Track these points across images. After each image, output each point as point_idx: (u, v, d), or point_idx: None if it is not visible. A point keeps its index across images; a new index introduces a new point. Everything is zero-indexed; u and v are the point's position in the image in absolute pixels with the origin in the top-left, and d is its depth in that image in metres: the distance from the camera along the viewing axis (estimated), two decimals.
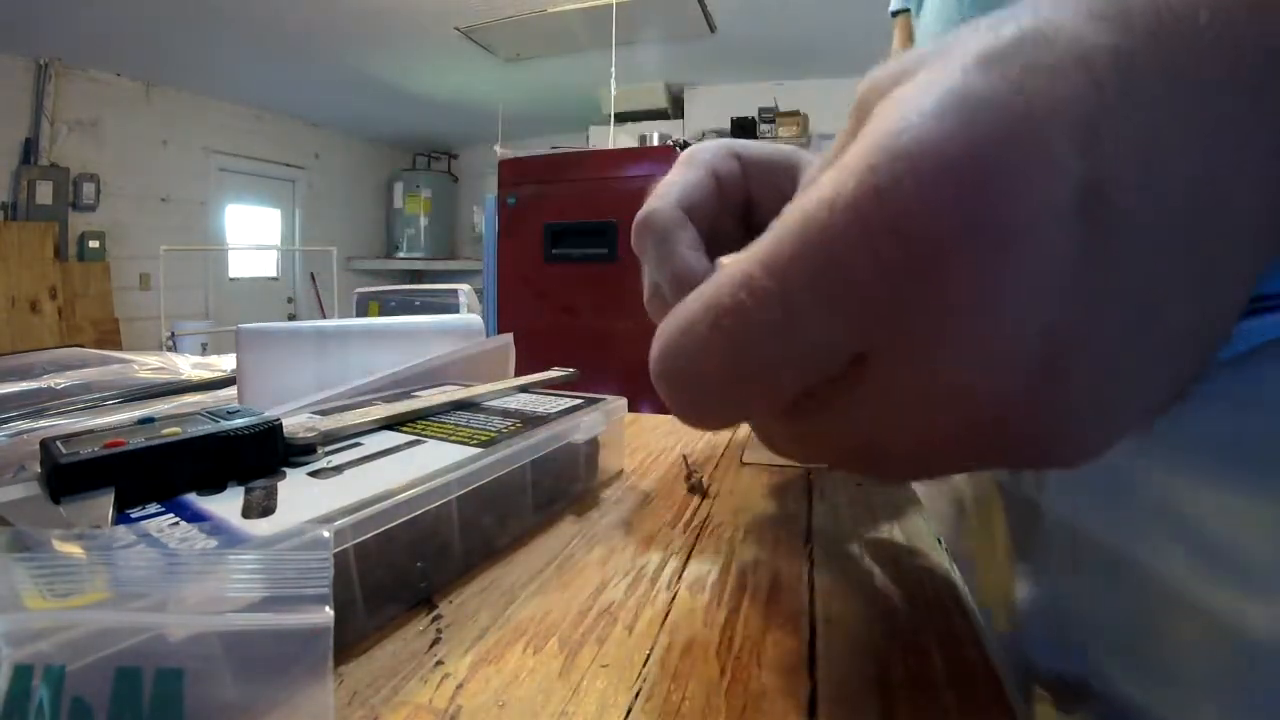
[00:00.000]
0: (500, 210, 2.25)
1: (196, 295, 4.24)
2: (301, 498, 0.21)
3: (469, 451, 0.25)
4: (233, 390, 0.51)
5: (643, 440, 0.43)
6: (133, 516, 0.19)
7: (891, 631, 0.20)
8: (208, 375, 0.56)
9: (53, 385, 0.48)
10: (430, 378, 0.40)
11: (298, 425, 0.25)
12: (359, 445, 0.26)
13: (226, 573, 0.14)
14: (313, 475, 0.23)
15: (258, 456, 0.23)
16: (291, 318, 4.81)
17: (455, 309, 2.04)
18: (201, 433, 0.22)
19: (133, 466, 0.20)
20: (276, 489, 0.21)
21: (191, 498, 0.20)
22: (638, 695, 0.17)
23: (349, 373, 0.39)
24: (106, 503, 0.19)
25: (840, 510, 0.30)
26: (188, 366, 0.57)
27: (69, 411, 0.46)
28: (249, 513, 0.19)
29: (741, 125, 3.72)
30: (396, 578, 0.21)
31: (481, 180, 5.19)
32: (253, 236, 4.74)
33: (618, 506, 0.31)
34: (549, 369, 0.40)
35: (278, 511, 0.19)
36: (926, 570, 0.25)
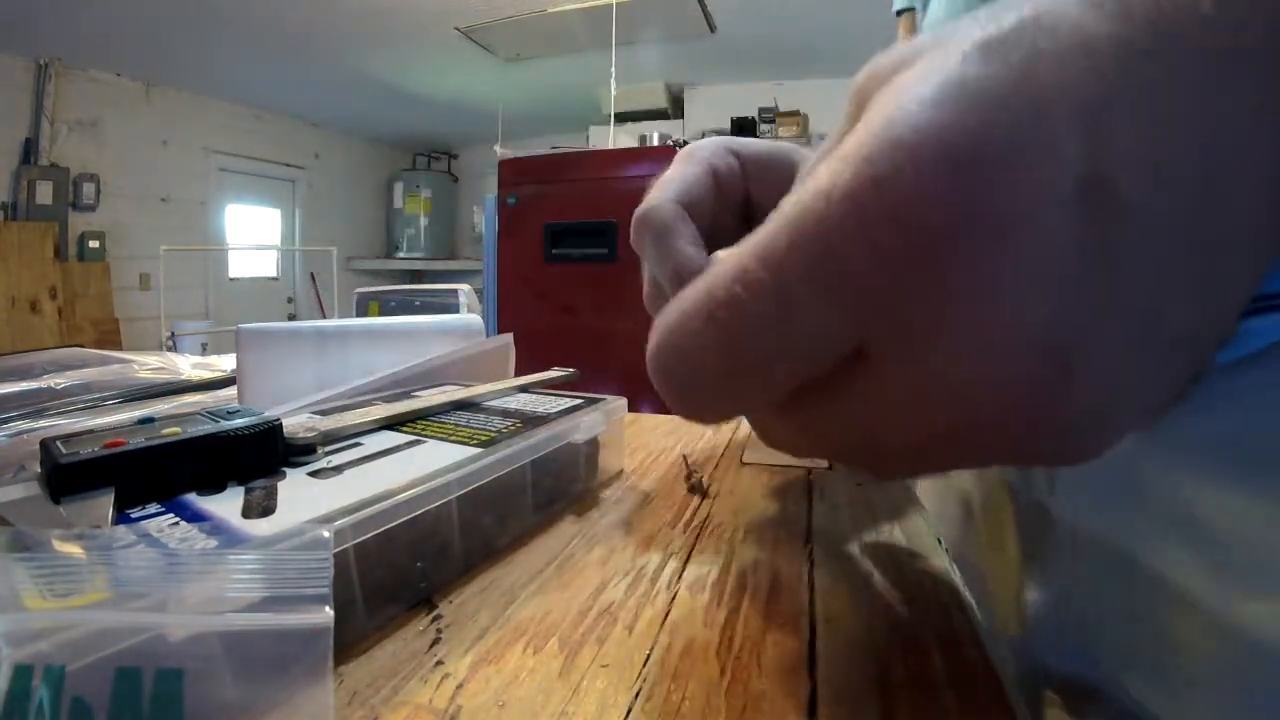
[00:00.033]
0: (500, 210, 2.25)
1: (196, 295, 4.24)
2: (301, 498, 0.21)
3: (469, 451, 0.25)
4: (233, 390, 0.51)
5: (643, 440, 0.43)
6: (133, 516, 0.19)
7: (891, 631, 0.20)
8: (208, 375, 0.56)
9: (53, 385, 0.48)
10: (430, 378, 0.40)
11: (298, 425, 0.25)
12: (359, 445, 0.26)
13: (226, 573, 0.14)
14: (313, 475, 0.23)
15: (258, 456, 0.23)
16: (291, 318, 4.80)
17: (455, 309, 2.04)
18: (201, 433, 0.22)
19: (133, 466, 0.20)
20: (276, 489, 0.21)
21: (191, 498, 0.20)
22: (638, 695, 0.17)
23: (349, 373, 0.39)
24: (106, 503, 0.19)
25: (840, 510, 0.30)
26: (188, 366, 0.57)
27: (69, 411, 0.46)
28: (249, 513, 0.19)
29: (741, 125, 3.72)
30: (396, 578, 0.21)
31: (481, 180, 5.19)
32: (253, 236, 4.74)
33: (618, 506, 0.31)
34: (549, 369, 0.40)
35: (278, 511, 0.19)
36: (926, 570, 0.25)
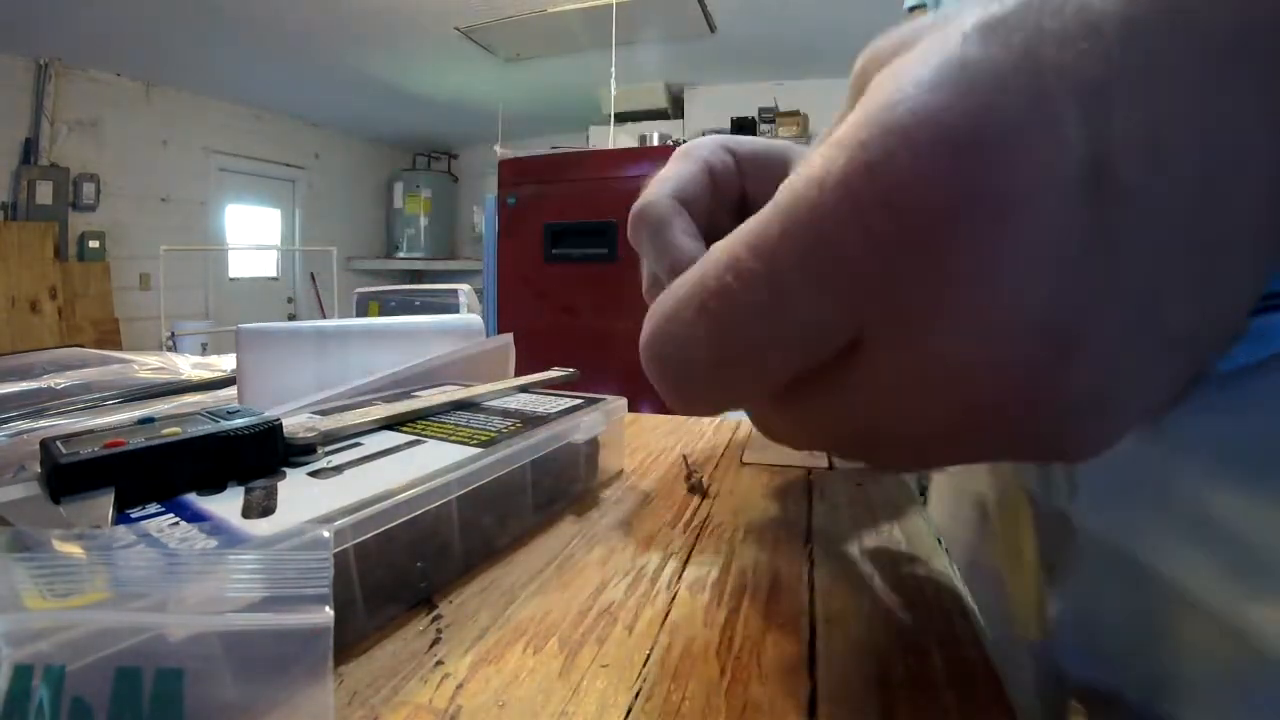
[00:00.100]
0: (500, 210, 2.25)
1: (196, 295, 4.24)
2: (301, 498, 0.20)
3: (469, 451, 0.25)
4: (233, 390, 0.51)
5: (643, 440, 0.42)
6: (133, 516, 0.19)
7: (891, 631, 0.20)
8: (208, 375, 0.56)
9: (53, 385, 0.48)
10: (430, 378, 0.40)
11: (298, 425, 0.25)
12: (359, 445, 0.26)
13: (226, 573, 0.14)
14: (313, 475, 0.23)
15: (258, 456, 0.23)
16: (291, 318, 4.80)
17: (455, 309, 2.04)
18: (201, 433, 0.22)
19: (133, 466, 0.20)
20: (276, 489, 0.21)
21: (191, 498, 0.20)
22: (638, 695, 0.17)
23: (349, 373, 0.39)
24: (106, 503, 0.19)
25: (840, 510, 0.30)
26: (188, 366, 0.57)
27: (69, 411, 0.46)
28: (249, 513, 0.19)
29: (741, 125, 3.72)
30: (396, 578, 0.21)
31: (481, 180, 5.20)
32: (253, 236, 4.74)
33: (618, 506, 0.31)
34: (549, 369, 0.40)
35: (278, 511, 0.19)
36: (927, 570, 0.25)
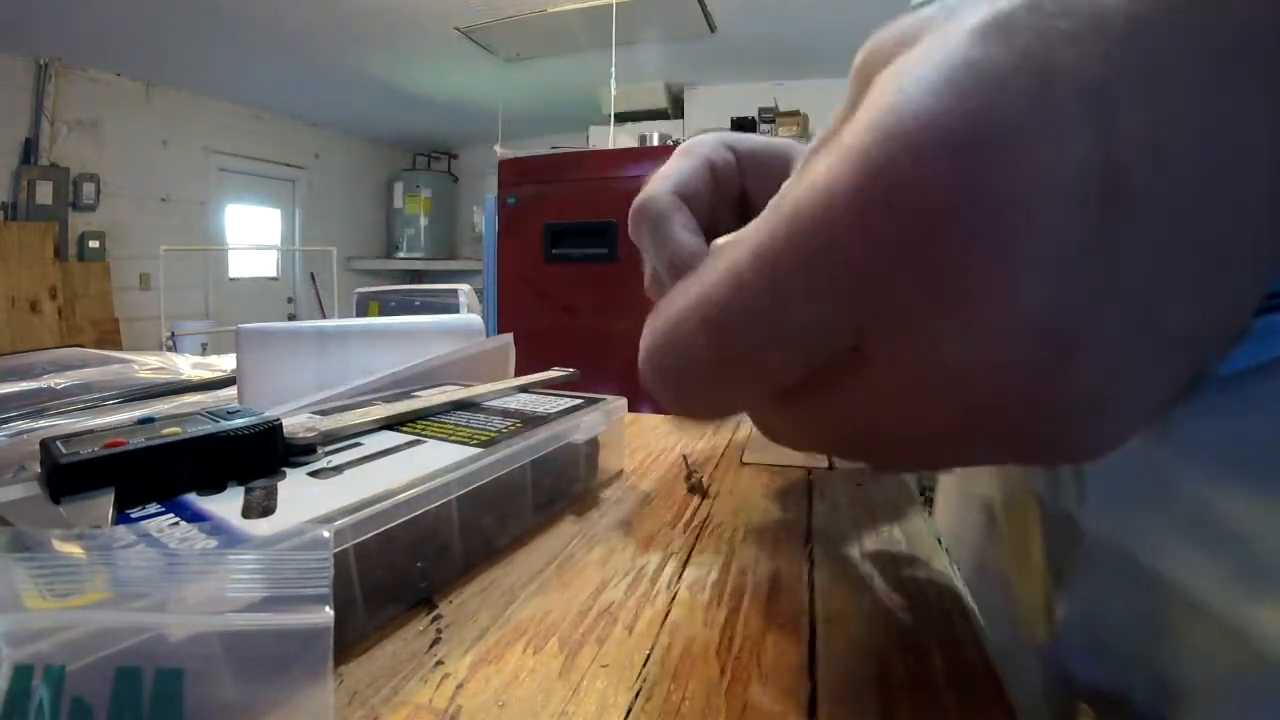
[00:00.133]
0: (500, 210, 2.25)
1: (196, 295, 4.24)
2: (301, 498, 0.20)
3: (469, 451, 0.25)
4: (233, 390, 0.51)
5: (643, 440, 0.43)
6: (133, 516, 0.19)
7: (891, 632, 0.20)
8: (208, 375, 0.56)
9: (53, 385, 0.48)
10: (430, 378, 0.40)
11: (298, 425, 0.25)
12: (359, 445, 0.26)
13: (226, 573, 0.14)
14: (313, 475, 0.23)
15: (258, 456, 0.23)
16: (291, 318, 4.80)
17: (455, 309, 2.04)
18: (201, 433, 0.22)
19: (133, 466, 0.20)
20: (276, 489, 0.21)
21: (191, 498, 0.20)
22: (638, 695, 0.17)
23: (349, 373, 0.39)
24: (106, 503, 0.19)
25: (840, 510, 0.30)
26: (188, 366, 0.57)
27: (69, 411, 0.46)
28: (249, 513, 0.19)
29: (741, 125, 3.71)
30: (396, 578, 0.21)
31: (481, 180, 5.19)
32: (253, 236, 4.74)
33: (618, 506, 0.31)
34: (549, 369, 0.40)
35: (278, 511, 0.19)
36: (927, 571, 0.25)
